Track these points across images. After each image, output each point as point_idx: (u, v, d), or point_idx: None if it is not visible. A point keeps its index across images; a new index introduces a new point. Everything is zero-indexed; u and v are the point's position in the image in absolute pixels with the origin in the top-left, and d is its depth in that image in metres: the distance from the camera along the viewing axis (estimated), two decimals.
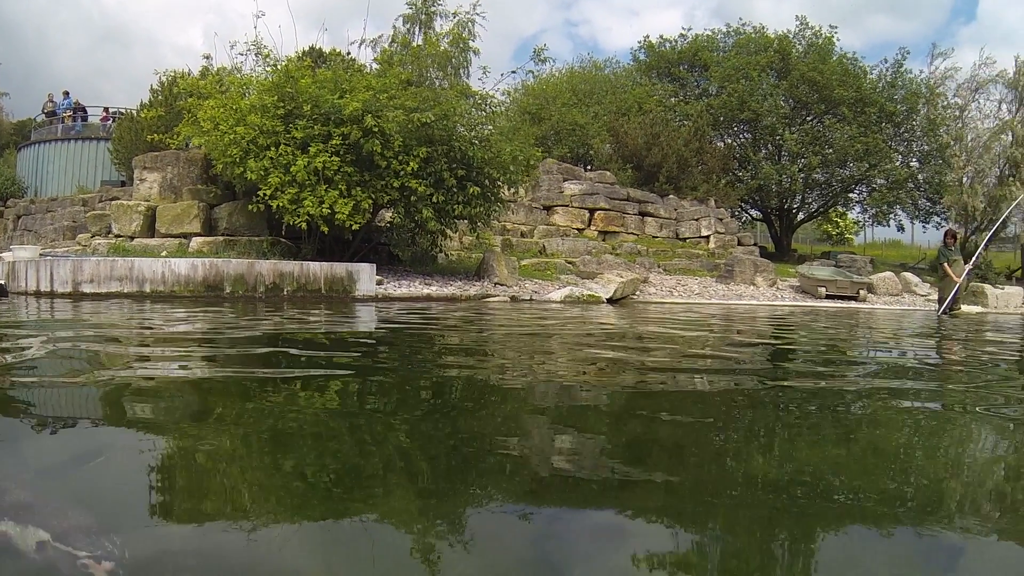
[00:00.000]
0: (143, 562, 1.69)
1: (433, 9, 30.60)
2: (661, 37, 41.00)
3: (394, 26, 31.18)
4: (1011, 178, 34.53)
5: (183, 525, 1.95)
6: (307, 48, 24.65)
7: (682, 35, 41.00)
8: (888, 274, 25.79)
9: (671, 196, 28.04)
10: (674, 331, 8.93)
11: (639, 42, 42.01)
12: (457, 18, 28.98)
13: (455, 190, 15.10)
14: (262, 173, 14.05)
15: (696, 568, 1.84)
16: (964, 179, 35.84)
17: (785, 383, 4.98)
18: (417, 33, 30.67)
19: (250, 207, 14.90)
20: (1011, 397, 4.65)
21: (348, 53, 25.92)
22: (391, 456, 2.68)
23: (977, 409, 4.18)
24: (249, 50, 17.30)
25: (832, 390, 4.64)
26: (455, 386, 4.37)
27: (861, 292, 22.45)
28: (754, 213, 44.04)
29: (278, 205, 14.13)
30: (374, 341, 7.06)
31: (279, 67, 15.84)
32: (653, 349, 6.78)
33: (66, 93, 36.40)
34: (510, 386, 4.51)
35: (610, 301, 15.97)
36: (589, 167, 29.75)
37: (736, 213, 39.32)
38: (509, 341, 7.43)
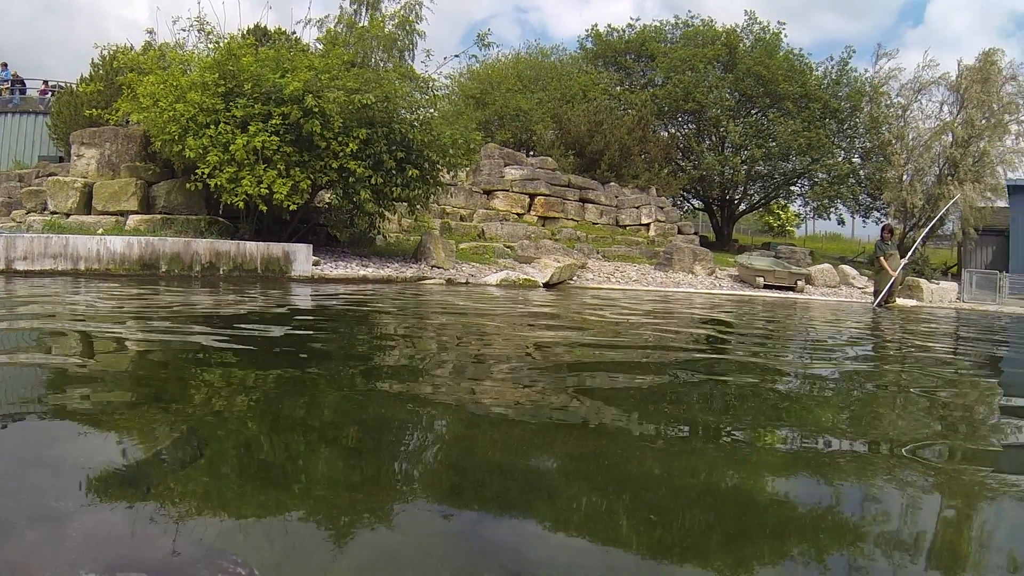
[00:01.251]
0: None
1: None
2: (609, 26, 41.52)
3: (341, 6, 31.09)
4: (950, 177, 35.50)
5: None
6: (252, 26, 24.50)
7: (630, 25, 41.58)
8: (826, 266, 26.33)
9: (612, 184, 28.37)
10: (592, 315, 9.18)
11: (587, 31, 42.73)
12: (402, 0, 28.87)
13: (394, 172, 15.19)
14: (201, 151, 14.02)
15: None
16: (904, 177, 36.77)
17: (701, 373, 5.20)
18: (364, 14, 30.56)
19: (188, 186, 14.83)
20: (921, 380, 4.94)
21: (293, 33, 25.80)
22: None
23: (868, 386, 4.46)
24: (192, 26, 17.19)
25: (754, 365, 4.90)
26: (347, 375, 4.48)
27: (799, 283, 22.89)
28: (696, 203, 44.62)
29: (216, 184, 14.10)
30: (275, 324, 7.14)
31: (221, 44, 15.74)
32: (548, 334, 7.00)
33: (4, 65, 35.69)
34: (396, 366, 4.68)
35: (546, 286, 16.20)
36: (531, 153, 29.97)
37: (678, 202, 39.86)
38: (415, 321, 7.59)
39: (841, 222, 43.59)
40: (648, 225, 28.20)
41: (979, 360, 6.81)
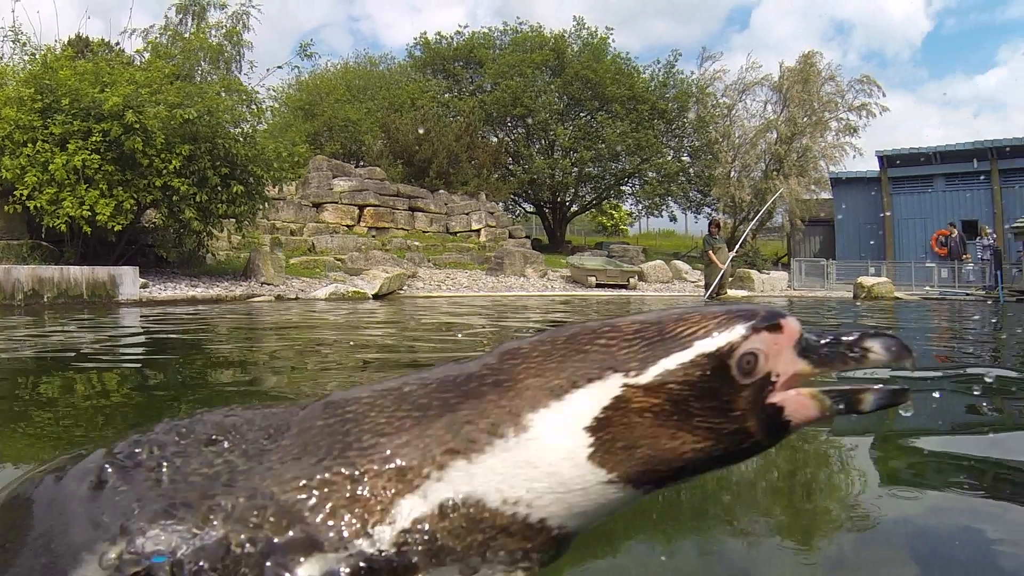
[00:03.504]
0: None
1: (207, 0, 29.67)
2: (438, 34, 41.99)
3: (166, 15, 30.28)
4: (775, 172, 37.91)
5: None
6: (72, 37, 23.85)
7: (459, 32, 42.17)
8: (659, 262, 27.54)
9: (442, 191, 28.92)
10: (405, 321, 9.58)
11: (415, 39, 43.05)
12: (230, 9, 28.35)
13: (219, 189, 15.15)
14: (19, 172, 13.65)
15: None
16: (732, 173, 39.00)
17: None
18: (190, 24, 29.82)
19: (7, 208, 14.31)
20: None
21: (117, 44, 25.13)
22: None
23: None
24: (6, 37, 16.70)
25: None
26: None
27: (631, 280, 23.88)
28: (527, 207, 45.72)
29: (36, 206, 13.76)
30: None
31: (38, 57, 15.39)
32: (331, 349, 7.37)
33: None
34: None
35: (376, 297, 16.48)
36: (360, 163, 30.19)
37: (509, 207, 40.83)
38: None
39: (673, 219, 45.72)
40: (479, 231, 28.78)
41: None
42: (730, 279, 20.88)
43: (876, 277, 25.16)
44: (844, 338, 1.02)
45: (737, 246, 22.32)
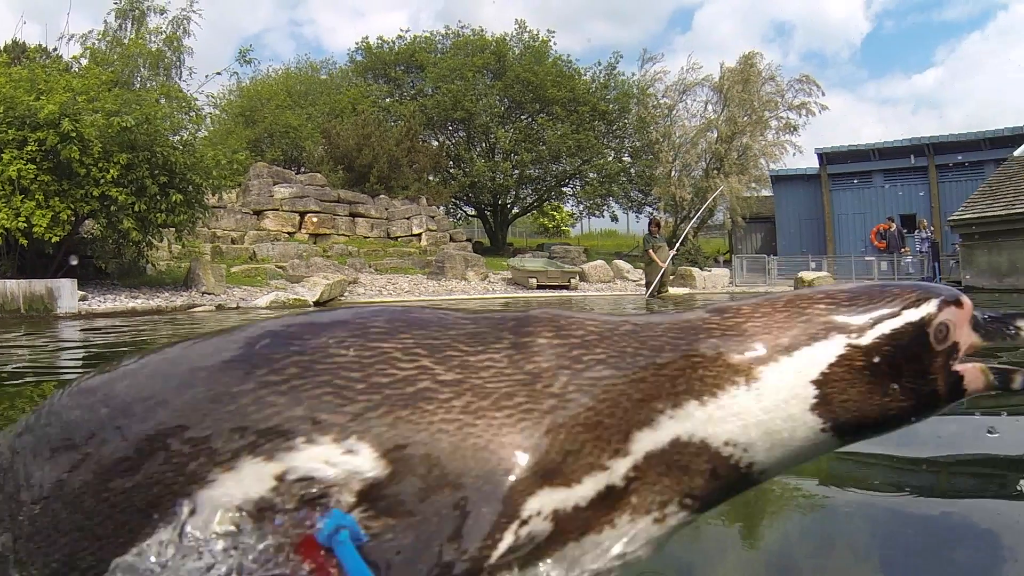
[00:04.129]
0: None
1: (147, 4, 29.21)
2: (380, 39, 41.78)
3: (105, 20, 29.77)
4: (716, 171, 38.31)
5: None
6: (9, 42, 23.49)
7: (400, 36, 42.05)
8: (600, 262, 27.74)
9: (382, 196, 28.91)
10: None
11: (356, 43, 42.92)
12: (171, 14, 27.97)
13: (158, 198, 14.97)
14: None
15: None
16: (673, 172, 39.29)
17: None
18: (129, 29, 29.37)
19: None
20: None
21: (55, 49, 24.75)
22: None
23: None
24: None
25: None
26: None
27: (572, 281, 24.06)
28: (469, 210, 45.77)
29: None
30: None
31: None
32: None
33: None
34: None
35: (317, 304, 16.44)
36: (301, 170, 30.04)
37: (451, 210, 40.89)
38: None
39: (615, 219, 46.13)
40: (420, 235, 28.83)
41: None
42: (671, 277, 21.12)
43: (816, 272, 25.68)
44: (1002, 317, 1.22)
45: (677, 244, 22.57)
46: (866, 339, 1.11)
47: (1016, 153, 28.38)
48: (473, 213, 45.78)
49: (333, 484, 0.94)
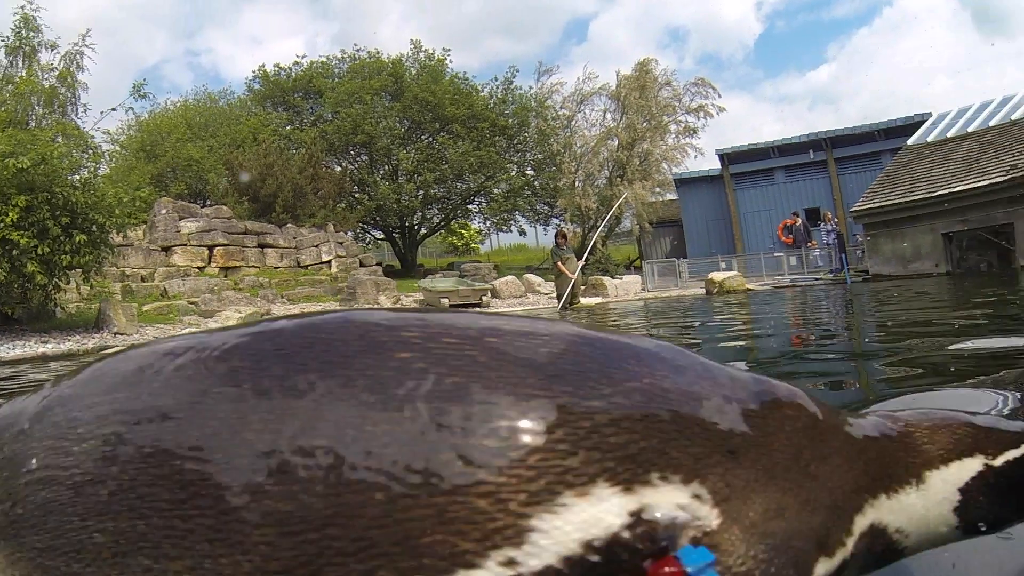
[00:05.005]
0: None
1: (37, 40, 28.28)
2: (277, 66, 41.39)
3: None
4: (619, 179, 38.99)
5: None
6: None
7: (296, 63, 41.70)
8: (510, 278, 27.83)
9: (290, 225, 28.68)
10: None
11: (254, 71, 42.43)
12: (63, 50, 27.23)
13: (62, 239, 14.68)
14: None
15: None
16: (576, 183, 39.85)
17: None
18: (21, 66, 28.51)
19: None
20: None
21: None
22: None
23: None
24: None
25: None
26: None
27: (483, 298, 24.14)
28: (377, 233, 45.38)
29: None
30: None
31: None
32: None
33: None
34: None
35: None
36: (207, 203, 29.65)
37: (359, 235, 40.68)
38: None
39: (523, 233, 46.27)
40: (329, 262, 28.55)
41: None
42: (583, 288, 21.28)
43: (727, 272, 26.15)
44: None
45: (586, 254, 22.82)
46: (997, 462, 1.31)
47: (909, 142, 29.44)
48: (382, 237, 45.42)
49: (675, 528, 0.91)
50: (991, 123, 26.46)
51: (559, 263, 19.18)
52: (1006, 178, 22.18)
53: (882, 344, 6.01)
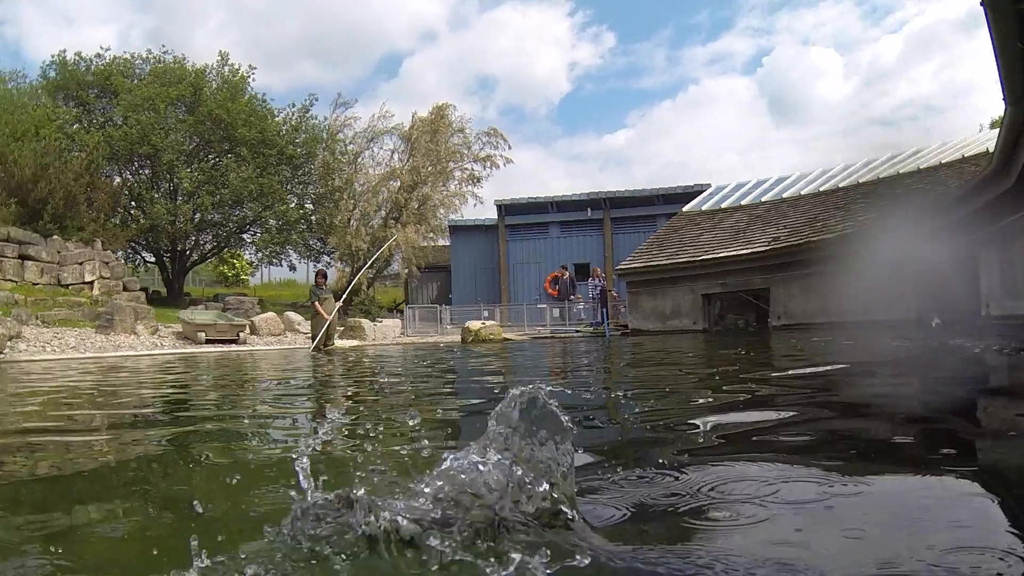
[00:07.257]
0: None
1: None
2: (77, 55, 38.35)
3: None
4: (394, 220, 39.36)
5: None
6: None
7: (99, 55, 38.78)
8: (271, 315, 27.24)
9: (56, 237, 26.53)
10: None
11: (52, 56, 38.89)
12: None
13: None
14: None
15: None
16: (351, 221, 39.73)
17: None
18: None
19: None
20: None
21: None
22: None
23: None
24: None
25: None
26: None
27: (241, 334, 23.51)
28: (148, 255, 42.57)
29: None
30: None
31: None
32: None
33: None
34: None
35: None
36: None
37: (129, 255, 38.38)
38: None
39: (292, 268, 45.23)
40: (92, 283, 26.57)
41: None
42: (340, 329, 21.36)
43: (484, 321, 26.98)
44: None
45: (345, 295, 22.98)
46: None
47: (684, 208, 31.80)
48: (152, 260, 42.63)
49: None
50: (763, 198, 29.16)
51: (316, 303, 19.35)
52: (767, 248, 24.39)
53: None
